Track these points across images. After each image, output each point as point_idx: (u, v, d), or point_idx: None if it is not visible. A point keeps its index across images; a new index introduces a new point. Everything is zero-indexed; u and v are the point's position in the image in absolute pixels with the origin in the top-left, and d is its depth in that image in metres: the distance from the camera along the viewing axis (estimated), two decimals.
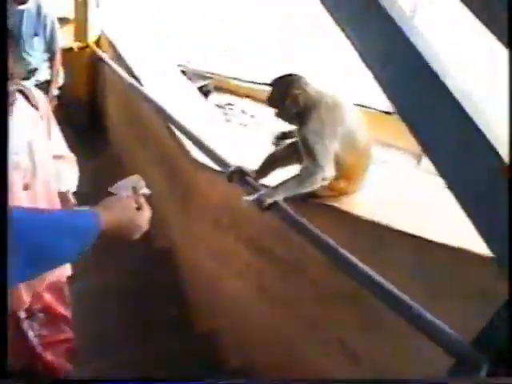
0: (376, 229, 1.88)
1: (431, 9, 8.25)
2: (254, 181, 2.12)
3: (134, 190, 1.65)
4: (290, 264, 2.37)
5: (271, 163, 2.15)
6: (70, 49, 5.07)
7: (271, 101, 1.99)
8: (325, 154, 1.88)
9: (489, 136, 0.95)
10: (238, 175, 2.14)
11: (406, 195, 2.11)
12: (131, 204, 1.49)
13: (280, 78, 1.97)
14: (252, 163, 2.18)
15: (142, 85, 3.91)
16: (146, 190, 1.68)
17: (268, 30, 10.76)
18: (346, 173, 1.98)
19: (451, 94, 0.99)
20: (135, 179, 1.71)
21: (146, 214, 1.52)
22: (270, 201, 1.89)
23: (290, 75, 1.97)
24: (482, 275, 1.51)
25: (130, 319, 3.22)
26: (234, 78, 8.35)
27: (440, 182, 1.04)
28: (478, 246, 1.00)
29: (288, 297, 2.45)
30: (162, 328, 3.24)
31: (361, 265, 1.51)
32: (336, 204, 2.04)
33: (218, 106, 8.39)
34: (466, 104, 0.98)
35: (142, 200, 1.55)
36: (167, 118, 3.12)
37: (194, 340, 3.18)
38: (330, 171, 1.90)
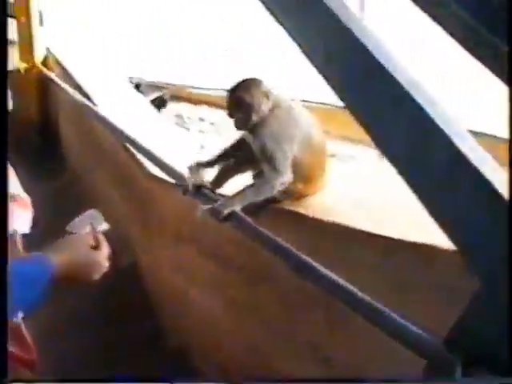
0: (337, 230, 1.84)
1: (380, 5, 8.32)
2: (211, 191, 2.07)
3: (92, 226, 1.58)
4: (254, 272, 2.32)
5: (226, 172, 2.10)
6: (17, 71, 4.95)
7: (233, 109, 1.90)
8: (283, 158, 1.85)
9: (443, 126, 0.93)
10: (193, 187, 2.08)
11: (370, 192, 2.08)
12: (87, 243, 1.42)
13: (240, 84, 1.90)
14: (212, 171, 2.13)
15: (92, 101, 3.83)
16: (104, 226, 1.62)
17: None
18: (304, 174, 1.95)
19: (402, 86, 0.98)
20: (93, 214, 1.65)
21: (105, 251, 1.45)
22: (227, 211, 1.84)
23: (251, 80, 1.91)
24: (451, 271, 1.47)
25: (100, 339, 3.14)
26: (190, 86, 8.30)
27: None
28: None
29: (254, 304, 2.40)
30: (134, 345, 3.16)
31: (323, 270, 1.47)
32: (296, 208, 2.00)
33: (175, 115, 8.34)
34: (419, 96, 0.97)
35: (101, 237, 1.48)
36: (119, 134, 3.05)
37: (166, 354, 3.12)
38: (287, 176, 1.86)
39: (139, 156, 2.97)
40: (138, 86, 8.04)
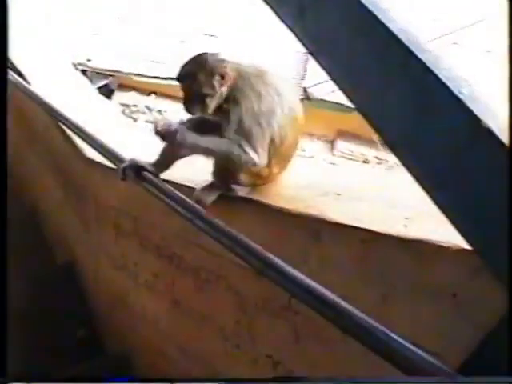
0: (308, 222, 1.53)
1: None
2: (153, 175, 1.75)
3: None
4: (205, 272, 2.01)
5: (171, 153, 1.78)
6: None
7: (189, 87, 1.60)
8: (261, 138, 1.56)
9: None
10: (133, 171, 1.76)
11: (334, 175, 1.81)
12: None
13: (192, 59, 1.61)
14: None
15: (28, 82, 3.47)
16: None
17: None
18: (283, 155, 1.66)
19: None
20: None
21: None
22: (180, 138, 1.53)
23: (203, 54, 1.62)
24: (448, 271, 1.19)
25: (34, 347, 2.83)
26: (138, 75, 8.09)
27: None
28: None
29: (205, 309, 2.10)
30: (71, 353, 2.87)
31: (290, 269, 1.20)
32: (255, 196, 1.69)
33: (122, 104, 8.12)
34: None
35: None
36: (54, 114, 2.68)
37: (105, 364, 2.82)
38: (263, 159, 1.58)
39: (77, 140, 2.62)
40: (84, 72, 7.75)
